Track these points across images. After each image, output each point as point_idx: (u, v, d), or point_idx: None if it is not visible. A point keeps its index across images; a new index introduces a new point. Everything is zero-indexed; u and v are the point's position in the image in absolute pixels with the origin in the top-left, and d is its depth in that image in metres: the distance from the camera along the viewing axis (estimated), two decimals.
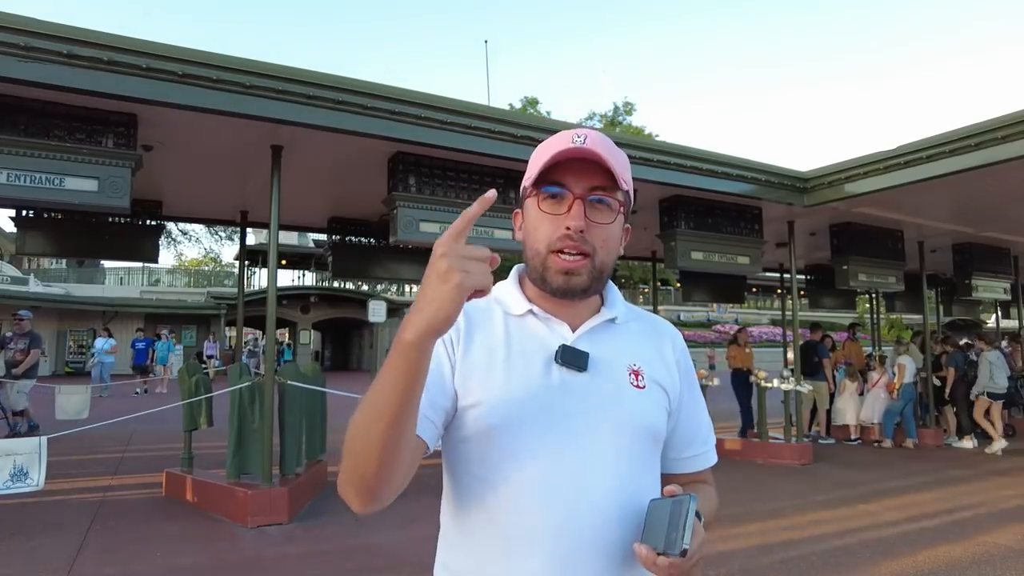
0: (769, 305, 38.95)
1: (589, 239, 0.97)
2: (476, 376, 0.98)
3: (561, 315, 1.03)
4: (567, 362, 0.98)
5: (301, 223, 8.81)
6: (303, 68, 4.78)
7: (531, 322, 1.03)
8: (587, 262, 0.98)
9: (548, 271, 0.98)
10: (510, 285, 1.08)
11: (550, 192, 0.98)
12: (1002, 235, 9.33)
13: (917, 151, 6.29)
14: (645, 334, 1.10)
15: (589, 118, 30.13)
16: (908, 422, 9.23)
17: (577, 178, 0.97)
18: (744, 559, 4.33)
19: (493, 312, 1.05)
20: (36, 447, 4.76)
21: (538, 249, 0.99)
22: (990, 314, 19.08)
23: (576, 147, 0.95)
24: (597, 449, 0.95)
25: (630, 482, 0.97)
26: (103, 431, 6.97)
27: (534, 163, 1.01)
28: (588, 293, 1.01)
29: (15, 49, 3.94)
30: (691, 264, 7.30)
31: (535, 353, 1.00)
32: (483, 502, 0.96)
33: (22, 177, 4.34)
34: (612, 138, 1.06)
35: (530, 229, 1.02)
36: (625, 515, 0.95)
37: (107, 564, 4.17)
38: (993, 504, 5.84)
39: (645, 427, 1.00)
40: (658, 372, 1.05)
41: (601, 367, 1.00)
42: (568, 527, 0.92)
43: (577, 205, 0.96)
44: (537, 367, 0.98)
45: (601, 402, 0.97)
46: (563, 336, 1.01)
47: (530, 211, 1.02)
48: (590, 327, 1.03)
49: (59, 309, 23.54)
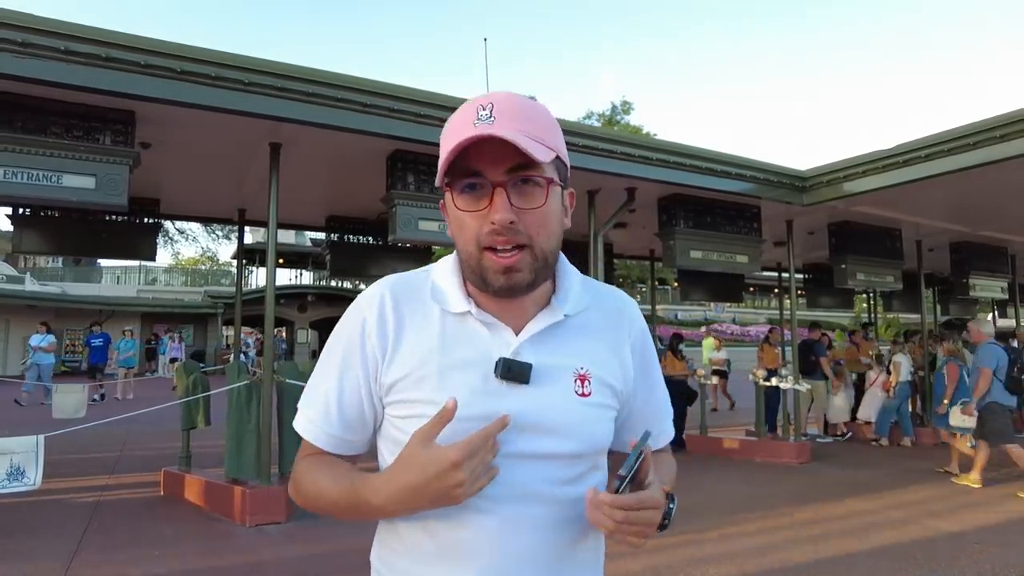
0: (767, 304, 38.99)
1: (522, 229, 0.86)
2: (407, 383, 0.91)
3: (505, 314, 0.94)
4: (508, 376, 0.89)
5: (299, 221, 8.79)
6: (302, 65, 4.77)
7: (471, 324, 0.94)
8: (525, 254, 0.87)
9: (486, 272, 0.88)
10: (450, 275, 0.96)
11: (465, 185, 0.88)
12: (1000, 234, 9.35)
13: (915, 150, 6.29)
14: (600, 323, 1.00)
15: (587, 117, 30.12)
16: (905, 420, 9.25)
17: (492, 161, 0.86)
18: (743, 559, 4.33)
19: (428, 308, 0.95)
20: (33, 446, 4.75)
21: (469, 250, 0.89)
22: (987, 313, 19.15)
23: (481, 132, 0.83)
24: (534, 465, 0.89)
25: (571, 491, 0.91)
26: (99, 430, 6.94)
27: (442, 151, 0.88)
28: (534, 286, 0.91)
29: (12, 45, 3.92)
30: (690, 263, 7.30)
31: (473, 363, 0.91)
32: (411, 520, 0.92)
33: (19, 174, 4.31)
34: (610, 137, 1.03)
35: (455, 227, 0.92)
36: (564, 525, 0.90)
37: (105, 563, 4.15)
38: (992, 503, 5.84)
39: (587, 440, 0.93)
40: (608, 370, 0.97)
41: (545, 377, 0.91)
42: (505, 539, 0.88)
43: (499, 195, 0.86)
44: (474, 380, 0.90)
45: (543, 416, 0.90)
46: (506, 343, 0.92)
47: (449, 207, 0.92)
48: (536, 330, 0.93)
49: (55, 308, 23.46)
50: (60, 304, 23.88)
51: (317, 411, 0.97)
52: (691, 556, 4.33)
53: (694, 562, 4.21)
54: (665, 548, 4.47)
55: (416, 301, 0.96)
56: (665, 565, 4.14)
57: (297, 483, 0.99)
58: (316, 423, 0.97)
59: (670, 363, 9.14)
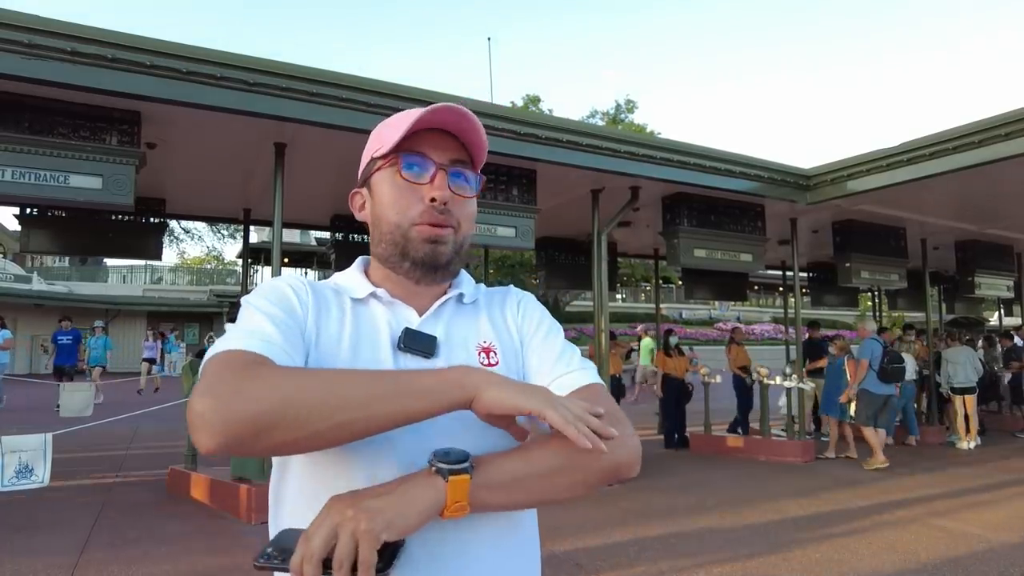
0: (771, 303, 38.87)
1: (453, 211, 0.93)
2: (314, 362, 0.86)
3: (408, 300, 0.96)
4: (412, 347, 0.90)
5: (304, 221, 8.83)
6: (306, 66, 4.80)
7: (373, 306, 0.95)
8: (451, 232, 0.93)
9: (411, 242, 0.92)
10: (353, 273, 1.00)
11: (411, 162, 0.92)
12: (1006, 232, 9.32)
13: (920, 148, 6.28)
14: (492, 304, 1.03)
15: (591, 115, 30.10)
16: (910, 419, 9.23)
17: (437, 149, 0.93)
18: (746, 557, 4.34)
19: (333, 301, 0.94)
20: (41, 444, 4.80)
21: (397, 222, 0.92)
22: (992, 312, 19.06)
23: (440, 109, 0.89)
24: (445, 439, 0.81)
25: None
26: (106, 428, 6.98)
27: (389, 132, 0.94)
28: (449, 269, 0.96)
29: (18, 46, 3.95)
30: (694, 262, 7.30)
31: (377, 340, 0.91)
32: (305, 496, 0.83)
33: (26, 175, 4.35)
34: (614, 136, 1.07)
35: (386, 202, 0.94)
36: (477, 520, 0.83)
37: (112, 560, 4.18)
38: (997, 502, 5.83)
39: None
40: (509, 345, 0.99)
41: (450, 350, 0.93)
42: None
43: (441, 176, 0.92)
44: (380, 354, 0.89)
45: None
46: (408, 320, 0.94)
47: (384, 183, 0.95)
48: (436, 307, 0.96)
49: (62, 307, 23.58)
50: (67, 303, 24.00)
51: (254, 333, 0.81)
52: (694, 555, 4.34)
53: (697, 562, 4.22)
54: (667, 548, 4.48)
55: (324, 293, 0.95)
56: (668, 565, 4.15)
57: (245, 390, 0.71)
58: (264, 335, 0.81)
59: (660, 361, 9.11)
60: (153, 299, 27.69)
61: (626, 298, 36.51)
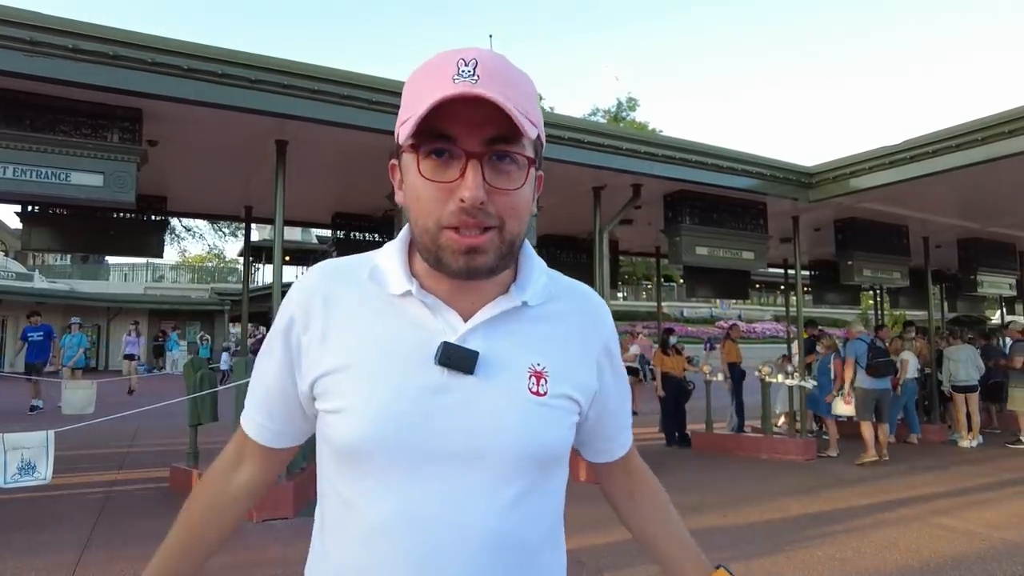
0: (772, 301, 38.86)
1: (492, 211, 0.74)
2: (335, 376, 0.80)
3: (455, 299, 0.81)
4: (449, 363, 0.77)
5: (305, 219, 8.83)
6: (307, 63, 4.79)
7: (411, 307, 0.81)
8: (493, 236, 0.75)
9: (444, 251, 0.75)
10: (395, 253, 0.84)
11: (433, 150, 0.74)
12: (1008, 230, 9.31)
13: (923, 146, 6.27)
14: (564, 318, 0.87)
15: (593, 113, 30.11)
16: (911, 417, 9.22)
17: (469, 126, 0.72)
18: (748, 556, 4.33)
19: (365, 290, 0.83)
20: (43, 441, 4.79)
21: (426, 226, 0.75)
22: (995, 310, 19.04)
23: (462, 90, 0.70)
24: (475, 475, 0.77)
25: (513, 512, 0.78)
26: (106, 425, 6.99)
27: (412, 99, 0.75)
28: (495, 272, 0.78)
29: (20, 44, 3.95)
30: (695, 259, 7.29)
31: (411, 350, 0.79)
32: (341, 522, 0.81)
33: (28, 172, 4.35)
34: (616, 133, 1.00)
35: (412, 197, 0.77)
36: (498, 550, 0.77)
37: (114, 558, 4.19)
38: (999, 500, 5.83)
39: (537, 449, 0.80)
40: (570, 370, 0.85)
41: (493, 370, 0.79)
42: (432, 566, 0.75)
43: (472, 169, 0.72)
44: (410, 370, 0.78)
45: (487, 416, 0.77)
46: (452, 327, 0.80)
47: (409, 171, 0.77)
48: (488, 316, 0.81)
49: (64, 305, 23.62)
50: (69, 301, 24.04)
51: (253, 402, 0.94)
52: None
53: None
54: None
55: (350, 284, 0.84)
56: None
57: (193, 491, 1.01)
58: (250, 413, 0.94)
59: (658, 360, 9.10)
60: (155, 297, 27.71)
61: (628, 296, 36.54)
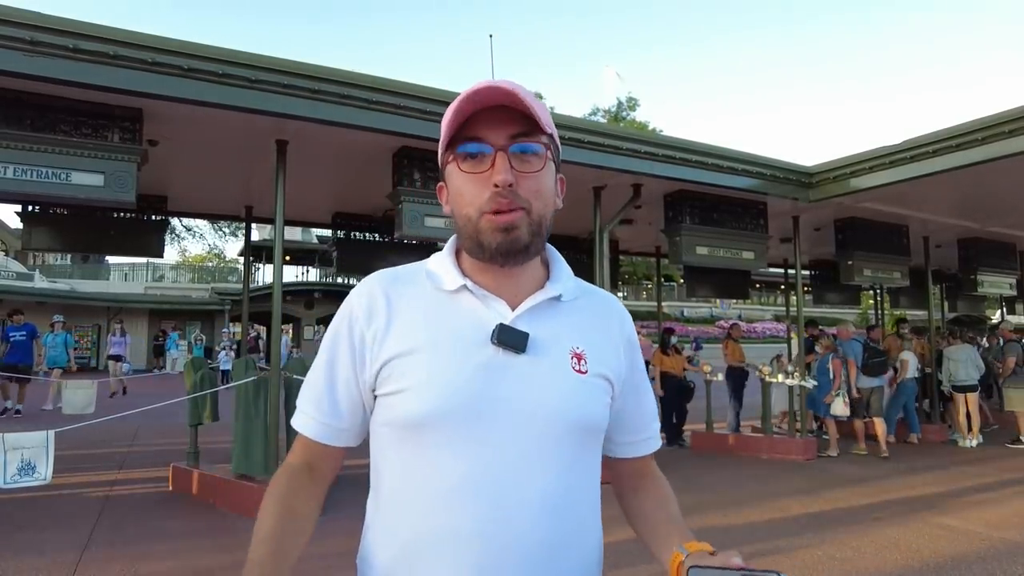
0: (772, 301, 38.86)
1: (521, 193, 0.89)
2: (399, 361, 0.91)
3: (500, 291, 0.95)
4: (504, 342, 0.89)
5: (306, 218, 8.82)
6: (308, 63, 4.78)
7: (465, 299, 0.94)
8: (523, 215, 0.90)
9: (483, 234, 0.90)
10: (444, 257, 0.99)
11: (468, 152, 0.91)
12: (1008, 230, 9.30)
13: (923, 145, 6.26)
14: (592, 312, 1.02)
15: (593, 113, 30.11)
16: (911, 417, 9.22)
17: (494, 129, 0.90)
18: (748, 556, 4.34)
19: (422, 288, 0.97)
20: (43, 441, 4.80)
21: (468, 214, 0.91)
22: (995, 310, 19.03)
23: (483, 90, 0.87)
24: (529, 442, 0.88)
25: (563, 476, 0.90)
26: (106, 425, 6.99)
27: (445, 126, 0.92)
28: (529, 252, 0.92)
29: (20, 43, 3.95)
30: (695, 259, 7.28)
31: (467, 334, 0.91)
32: (402, 496, 0.91)
33: (28, 172, 4.35)
34: (616, 133, 1.07)
35: (455, 196, 0.93)
36: (555, 511, 0.88)
37: (114, 558, 4.19)
38: (999, 500, 5.83)
39: (582, 417, 0.92)
40: (603, 355, 0.97)
41: (541, 349, 0.92)
42: (491, 529, 0.85)
43: (500, 158, 0.89)
44: (468, 350, 0.90)
45: (538, 387, 0.89)
46: (501, 314, 0.93)
47: (452, 177, 0.94)
48: (532, 304, 0.94)
49: (64, 305, 23.62)
50: (69, 301, 24.05)
51: (309, 401, 0.99)
52: None
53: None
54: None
55: (408, 285, 0.97)
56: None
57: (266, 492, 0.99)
58: (308, 413, 0.98)
59: (658, 359, 9.10)
60: (155, 297, 27.72)
61: (628, 296, 36.53)
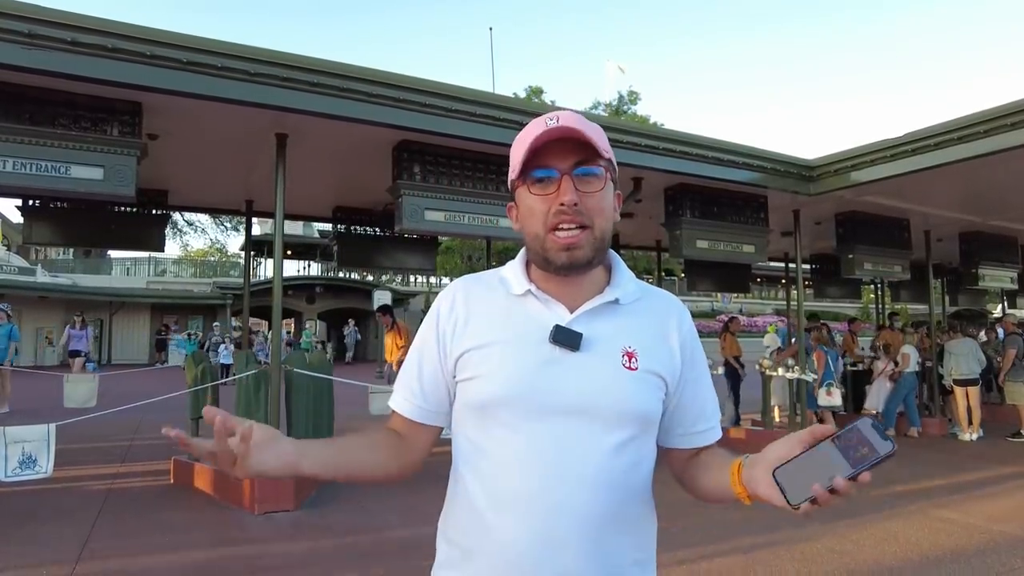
0: (773, 295, 38.82)
1: (584, 211, 1.02)
2: (474, 352, 1.06)
3: (563, 296, 1.07)
4: (560, 341, 1.02)
5: (306, 213, 8.81)
6: (307, 56, 4.76)
7: (530, 303, 1.08)
8: (586, 234, 1.03)
9: (549, 251, 1.03)
10: (516, 266, 1.13)
11: (538, 177, 1.04)
12: (1010, 224, 9.27)
13: (924, 138, 6.23)
14: (650, 314, 1.12)
15: (594, 107, 30.02)
16: (911, 411, 9.22)
17: (559, 158, 1.03)
18: (748, 548, 4.35)
19: (495, 291, 1.12)
20: (44, 435, 4.81)
21: (536, 232, 1.05)
22: (996, 304, 19.01)
23: (552, 128, 1.01)
24: (581, 425, 1.00)
25: (615, 459, 1.01)
26: (108, 418, 7.01)
27: (516, 154, 1.06)
28: (592, 265, 1.06)
29: (19, 36, 3.93)
30: (696, 253, 7.27)
31: (530, 333, 1.04)
32: (475, 464, 1.05)
33: (27, 165, 4.34)
34: (617, 126, 1.12)
35: (525, 215, 1.07)
36: (605, 487, 1.00)
37: (116, 551, 4.21)
38: (999, 494, 5.83)
39: (632, 409, 1.03)
40: (656, 354, 1.07)
41: (594, 347, 1.03)
42: (546, 494, 0.98)
43: (566, 181, 1.02)
44: (531, 345, 1.03)
45: (587, 380, 1.01)
46: (560, 317, 1.05)
47: (523, 198, 1.07)
48: (589, 308, 1.06)
49: (66, 299, 23.67)
50: (71, 296, 24.09)
51: (403, 384, 1.16)
52: (696, 546, 4.34)
53: (699, 553, 4.23)
54: (669, 540, 4.49)
55: (485, 289, 1.13)
56: (670, 557, 4.15)
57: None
58: (403, 395, 1.16)
59: None
60: (157, 291, 27.76)
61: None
